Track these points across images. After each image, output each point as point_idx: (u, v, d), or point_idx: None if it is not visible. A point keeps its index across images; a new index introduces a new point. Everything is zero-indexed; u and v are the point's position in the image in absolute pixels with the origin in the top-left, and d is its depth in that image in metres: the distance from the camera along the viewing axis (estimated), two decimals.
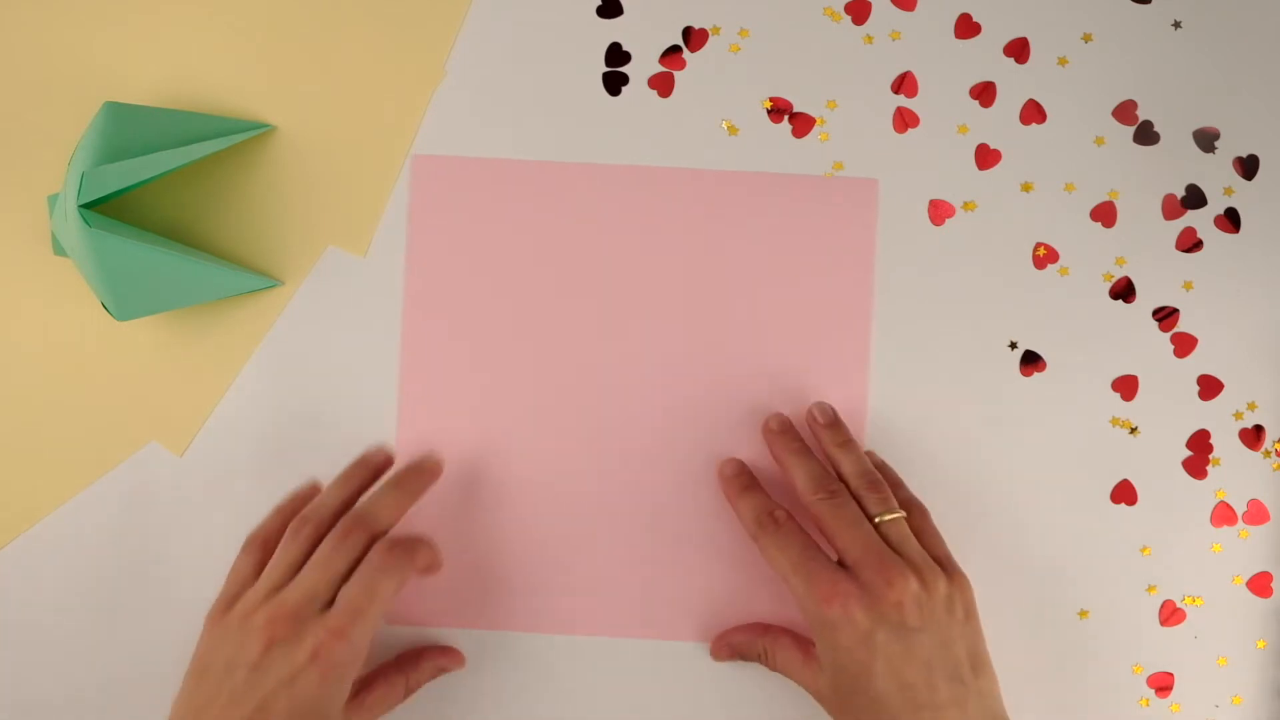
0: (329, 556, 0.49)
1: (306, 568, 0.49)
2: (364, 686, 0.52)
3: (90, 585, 0.55)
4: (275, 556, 0.50)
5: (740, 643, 0.54)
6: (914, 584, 0.49)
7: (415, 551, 0.50)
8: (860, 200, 0.56)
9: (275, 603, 0.48)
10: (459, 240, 0.56)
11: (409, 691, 0.53)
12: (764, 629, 0.54)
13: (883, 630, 0.48)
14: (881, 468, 0.55)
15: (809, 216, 0.56)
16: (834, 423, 0.54)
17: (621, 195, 0.56)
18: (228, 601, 0.50)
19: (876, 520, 0.51)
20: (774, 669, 0.53)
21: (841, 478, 0.53)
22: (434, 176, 0.56)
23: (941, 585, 0.49)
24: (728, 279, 0.56)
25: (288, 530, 0.50)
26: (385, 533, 0.50)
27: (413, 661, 0.54)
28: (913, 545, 0.51)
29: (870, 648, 0.48)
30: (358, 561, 0.49)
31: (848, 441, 0.53)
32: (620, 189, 0.56)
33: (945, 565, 0.51)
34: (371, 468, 0.53)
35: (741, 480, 0.54)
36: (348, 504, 0.52)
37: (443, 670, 0.54)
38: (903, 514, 0.51)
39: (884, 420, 0.56)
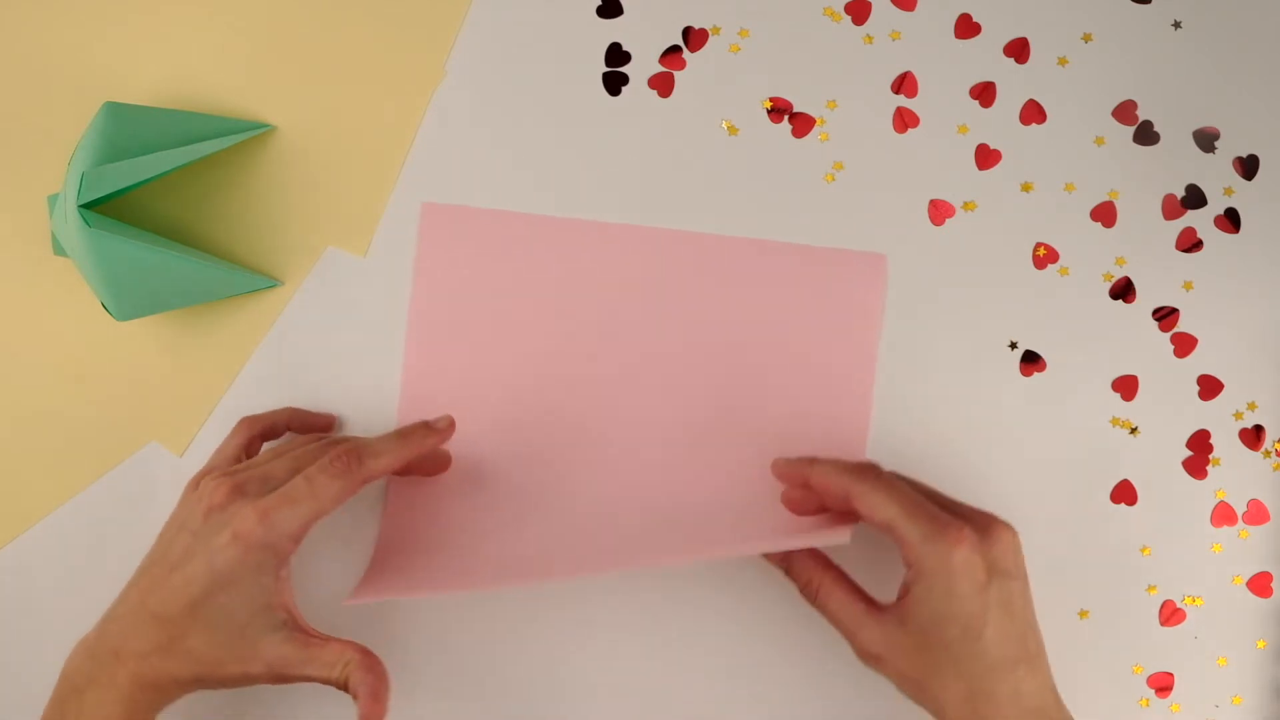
0: (299, 454, 0.49)
1: (274, 455, 0.49)
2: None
3: (90, 585, 0.55)
4: (281, 452, 0.50)
5: (797, 556, 0.51)
6: (1008, 531, 0.48)
7: (364, 459, 0.48)
8: (868, 269, 0.56)
9: (228, 474, 0.48)
10: (466, 289, 0.55)
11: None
12: (826, 564, 0.51)
13: (996, 581, 0.47)
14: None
15: (816, 282, 0.55)
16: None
17: (625, 254, 0.55)
18: (204, 473, 0.50)
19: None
20: (815, 605, 0.50)
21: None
22: (442, 226, 0.55)
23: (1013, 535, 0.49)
24: (729, 318, 0.55)
25: (313, 439, 0.51)
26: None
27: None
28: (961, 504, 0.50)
29: (984, 598, 0.47)
30: None
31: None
32: (624, 248, 0.55)
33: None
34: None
35: (806, 459, 0.52)
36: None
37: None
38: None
39: (884, 421, 0.56)
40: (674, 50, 0.56)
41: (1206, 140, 0.56)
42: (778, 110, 0.56)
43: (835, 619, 0.50)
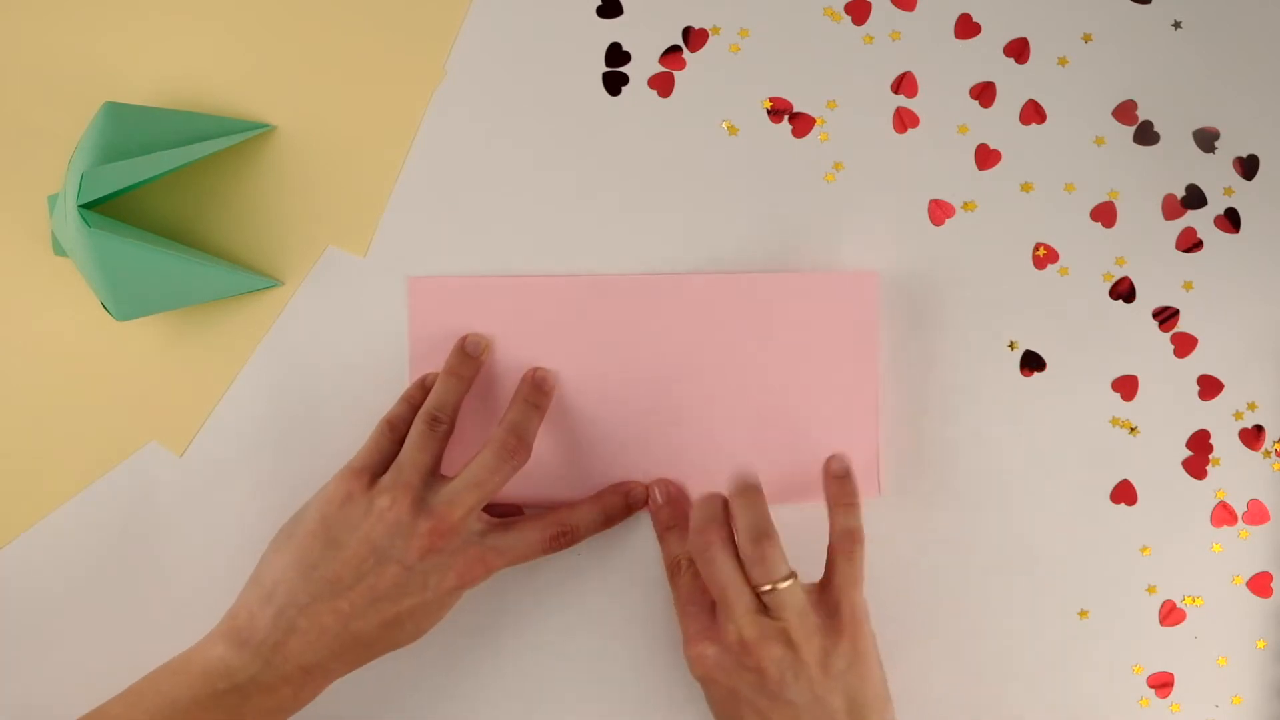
0: (487, 477, 0.51)
1: (467, 484, 0.51)
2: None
3: (90, 585, 0.55)
4: (412, 444, 0.51)
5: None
6: (776, 650, 0.49)
7: (576, 526, 0.54)
8: (861, 288, 0.55)
9: (438, 515, 0.50)
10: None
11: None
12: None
13: (745, 688, 0.49)
14: (842, 478, 0.53)
15: (811, 309, 0.55)
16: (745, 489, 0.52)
17: (613, 305, 0.55)
18: (370, 473, 0.51)
19: (765, 589, 0.50)
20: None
21: (736, 531, 0.51)
22: (430, 298, 0.55)
23: (815, 643, 0.49)
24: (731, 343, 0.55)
25: (419, 423, 0.52)
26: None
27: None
28: (792, 607, 0.49)
29: (736, 700, 0.50)
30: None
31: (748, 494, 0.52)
32: (611, 299, 0.55)
33: (836, 613, 0.50)
34: (475, 360, 0.54)
35: (665, 516, 0.55)
36: (463, 396, 0.53)
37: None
38: (788, 581, 0.50)
39: (885, 422, 0.56)
40: (674, 50, 0.56)
41: (1206, 140, 0.56)
42: (778, 110, 0.56)
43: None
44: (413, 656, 0.54)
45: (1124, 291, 0.56)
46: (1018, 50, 0.56)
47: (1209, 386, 0.56)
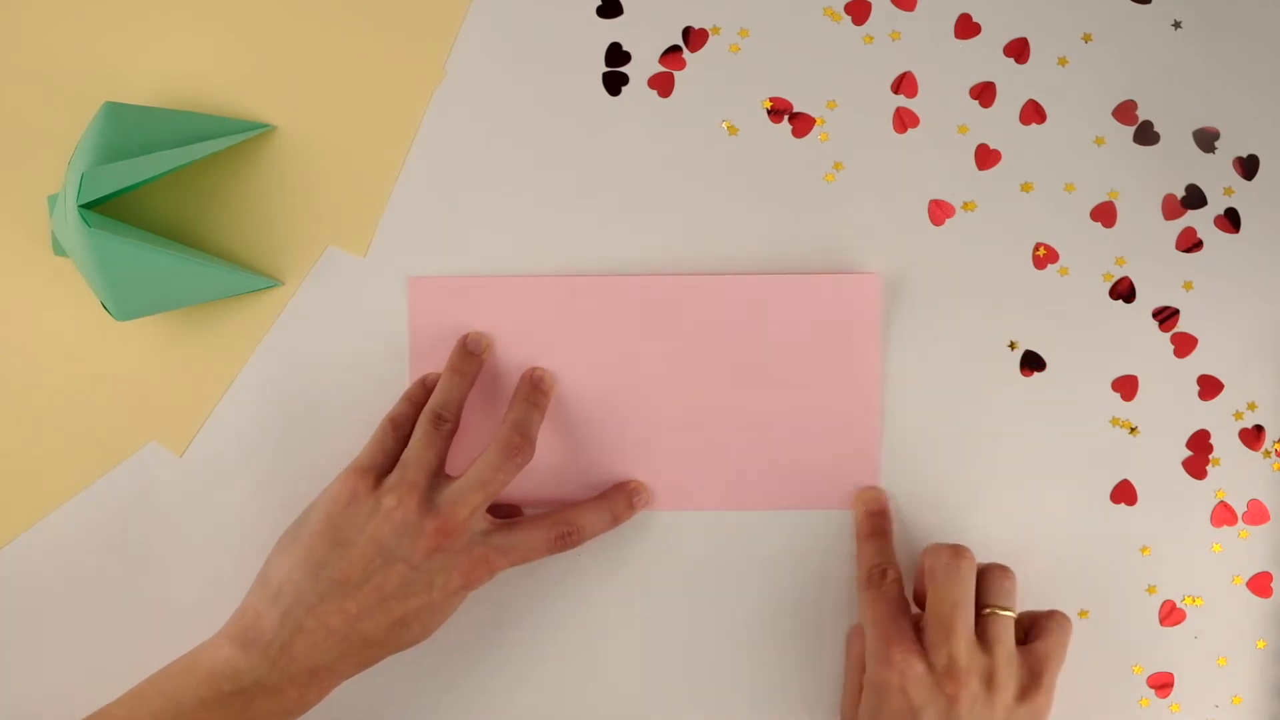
0: (492, 476, 0.51)
1: (472, 484, 0.51)
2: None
3: (90, 585, 0.55)
4: (418, 442, 0.52)
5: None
6: (976, 685, 0.49)
7: (579, 525, 0.53)
8: (862, 289, 0.55)
9: (444, 514, 0.50)
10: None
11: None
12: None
13: (929, 712, 0.49)
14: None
15: (812, 309, 0.55)
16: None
17: (613, 305, 0.55)
18: (375, 472, 0.51)
19: (986, 611, 0.51)
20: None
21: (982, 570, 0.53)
22: (430, 298, 0.55)
23: (1008, 694, 0.50)
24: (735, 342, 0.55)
25: (424, 421, 0.52)
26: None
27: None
28: (1005, 646, 0.50)
29: (909, 718, 0.49)
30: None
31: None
32: (611, 299, 0.55)
33: (1036, 676, 0.51)
34: (477, 357, 0.54)
35: (873, 524, 0.54)
36: (466, 393, 0.54)
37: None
38: (1012, 614, 0.51)
39: (887, 422, 0.56)
40: (674, 50, 0.56)
41: (1206, 140, 0.56)
42: (778, 110, 0.56)
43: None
44: (416, 658, 0.54)
45: (1124, 291, 0.56)
46: (1018, 50, 0.56)
47: (1209, 386, 0.56)
